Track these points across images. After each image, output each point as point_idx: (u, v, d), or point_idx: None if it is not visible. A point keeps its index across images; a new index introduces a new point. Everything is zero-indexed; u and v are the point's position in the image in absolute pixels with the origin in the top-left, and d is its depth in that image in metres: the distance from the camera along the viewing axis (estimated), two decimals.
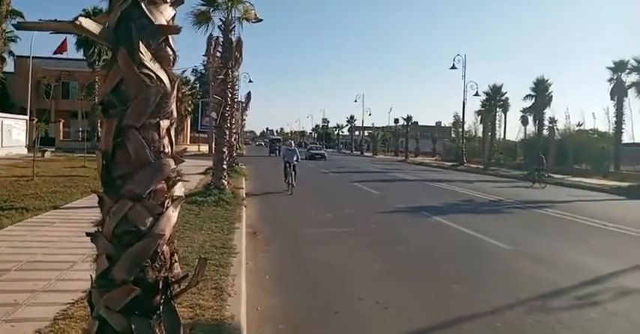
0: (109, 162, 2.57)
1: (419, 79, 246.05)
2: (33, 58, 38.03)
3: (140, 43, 2.52)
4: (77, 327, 4.42)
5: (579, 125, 50.76)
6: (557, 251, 9.95)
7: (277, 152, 53.42)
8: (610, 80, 37.56)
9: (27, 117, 35.05)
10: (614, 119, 38.66)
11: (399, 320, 5.74)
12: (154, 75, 2.56)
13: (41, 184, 15.05)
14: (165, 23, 2.64)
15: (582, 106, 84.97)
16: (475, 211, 15.52)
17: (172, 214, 2.67)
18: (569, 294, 6.90)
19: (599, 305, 6.55)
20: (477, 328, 5.60)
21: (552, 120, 44.35)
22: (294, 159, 18.43)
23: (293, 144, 20.76)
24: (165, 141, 2.64)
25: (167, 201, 2.66)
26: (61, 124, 43.54)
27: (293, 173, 18.04)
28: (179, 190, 2.74)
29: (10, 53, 42.45)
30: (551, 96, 36.77)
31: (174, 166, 2.67)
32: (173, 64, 2.70)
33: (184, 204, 11.79)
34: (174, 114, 2.70)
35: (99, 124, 32.27)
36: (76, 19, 2.35)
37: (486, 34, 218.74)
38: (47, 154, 29.70)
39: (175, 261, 2.73)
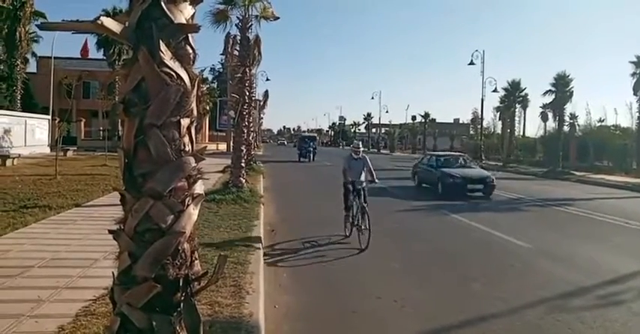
0: (130, 161, 2.60)
1: (437, 75, 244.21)
2: (55, 58, 38.61)
3: (160, 41, 2.55)
4: (99, 324, 4.48)
5: (601, 121, 49.97)
6: (577, 249, 9.81)
7: (311, 156, 39.40)
8: (633, 74, 36.77)
9: (49, 117, 35.62)
10: (637, 114, 37.92)
11: (417, 319, 5.71)
12: (174, 73, 2.58)
13: (63, 183, 15.29)
14: (184, 22, 2.66)
15: (604, 102, 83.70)
16: (494, 209, 15.36)
17: (193, 212, 2.69)
18: (591, 293, 6.80)
19: (622, 304, 6.44)
20: (496, 327, 5.54)
21: (573, 117, 43.65)
22: (363, 177, 10.00)
23: (361, 149, 10.32)
24: (186, 139, 2.66)
25: (188, 199, 2.68)
26: (83, 124, 44.14)
27: (364, 206, 9.51)
28: (199, 188, 2.76)
29: (33, 54, 43.23)
30: (572, 91, 36.02)
31: (195, 164, 2.69)
32: (193, 62, 2.72)
33: (203, 202, 11.93)
34: (195, 112, 2.72)
35: (119, 123, 32.68)
36: (98, 18, 2.37)
37: (505, 30, 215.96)
38: (69, 153, 30.16)
39: (196, 259, 2.75)
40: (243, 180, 15.75)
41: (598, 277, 7.63)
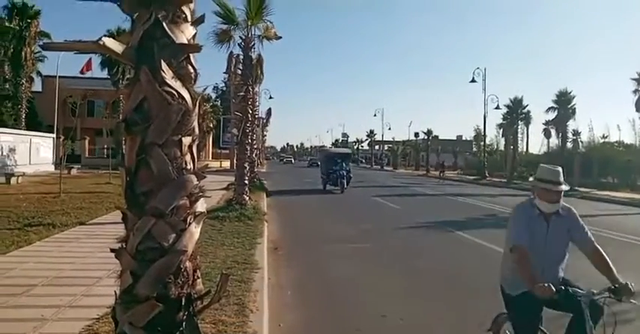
0: (132, 179, 2.61)
1: (439, 92, 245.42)
2: (59, 77, 39.02)
3: (162, 61, 2.58)
4: None
5: (604, 137, 50.07)
6: (582, 266, 9.69)
7: (344, 183, 26.34)
8: (635, 91, 36.86)
9: (54, 135, 35.89)
10: None
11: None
12: (175, 93, 2.61)
13: (68, 201, 15.31)
14: (186, 42, 2.69)
15: (607, 119, 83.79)
16: (499, 226, 15.24)
17: (195, 230, 2.69)
18: None
19: (628, 324, 6.35)
20: None
21: (576, 133, 43.81)
22: (562, 271, 4.07)
23: (563, 187, 3.92)
24: (188, 157, 2.68)
25: (189, 217, 2.68)
26: (87, 142, 44.41)
27: None
28: (201, 206, 2.77)
29: (38, 73, 43.75)
30: (575, 108, 36.29)
31: (197, 182, 2.70)
32: (194, 81, 2.75)
33: (206, 220, 11.87)
34: (196, 131, 2.74)
35: (123, 142, 32.87)
36: (100, 39, 2.41)
37: (507, 48, 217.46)
38: (73, 171, 30.27)
39: (198, 277, 2.74)
40: (247, 198, 15.75)
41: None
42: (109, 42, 2.49)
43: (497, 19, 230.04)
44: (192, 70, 2.73)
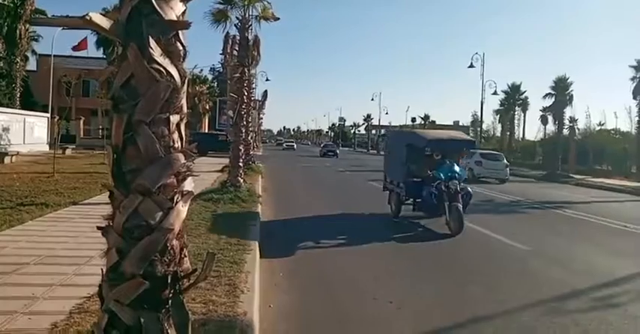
0: (119, 157, 2.58)
1: (437, 77, 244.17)
2: (54, 56, 38.60)
3: (150, 38, 2.53)
4: (92, 321, 4.45)
5: (601, 125, 50.11)
6: (575, 252, 9.80)
7: (459, 205, 10.51)
8: (632, 79, 36.80)
9: (48, 115, 35.63)
10: (637, 118, 37.95)
11: (412, 321, 5.70)
12: (163, 70, 2.56)
13: (61, 180, 15.27)
14: (175, 18, 2.64)
15: (604, 106, 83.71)
16: (493, 211, 15.34)
17: (182, 209, 2.68)
18: (587, 296, 6.80)
19: (618, 307, 6.43)
20: (492, 329, 5.54)
21: (573, 120, 43.77)
22: None
23: None
24: (175, 136, 2.65)
25: (177, 195, 2.66)
26: (82, 122, 44.13)
27: None
28: (189, 185, 2.75)
29: (33, 52, 43.22)
30: (572, 95, 36.32)
31: (184, 161, 2.67)
32: (183, 59, 2.70)
33: (200, 202, 11.89)
34: (185, 109, 2.71)
35: None
36: (87, 14, 2.36)
37: (505, 34, 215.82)
38: (68, 151, 30.14)
39: (185, 256, 2.74)
40: (241, 180, 15.74)
41: (595, 280, 7.63)
42: (96, 17, 2.44)
43: (496, 5, 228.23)
44: (181, 48, 2.68)
